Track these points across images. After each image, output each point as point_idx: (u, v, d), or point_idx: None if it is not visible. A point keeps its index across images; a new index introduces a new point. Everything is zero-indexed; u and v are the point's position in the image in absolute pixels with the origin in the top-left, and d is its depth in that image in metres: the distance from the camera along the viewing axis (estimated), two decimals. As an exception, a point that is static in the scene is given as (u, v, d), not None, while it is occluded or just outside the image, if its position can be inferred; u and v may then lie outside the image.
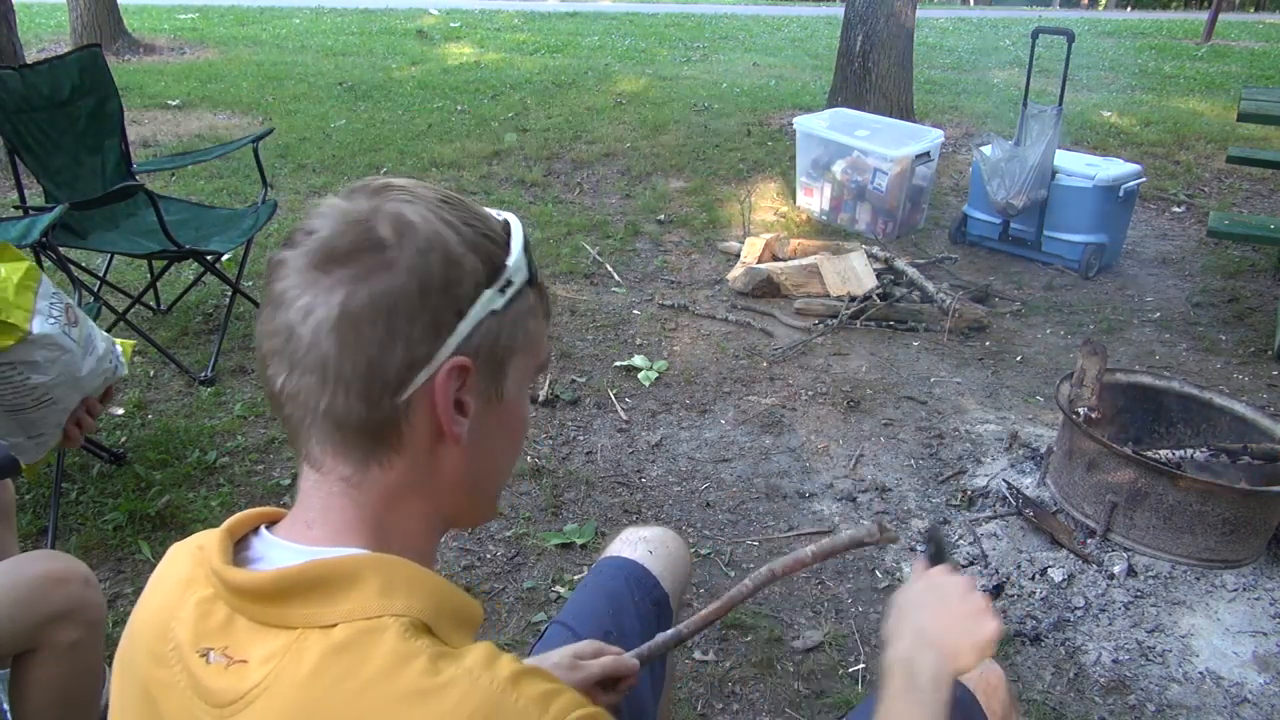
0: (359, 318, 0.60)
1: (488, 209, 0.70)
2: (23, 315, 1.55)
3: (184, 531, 2.26)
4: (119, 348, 1.84)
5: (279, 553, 0.66)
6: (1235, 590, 2.13)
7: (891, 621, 0.89)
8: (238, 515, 0.69)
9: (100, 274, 3.25)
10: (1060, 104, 4.05)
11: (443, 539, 2.27)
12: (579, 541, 2.31)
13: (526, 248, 0.68)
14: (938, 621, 0.86)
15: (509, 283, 0.66)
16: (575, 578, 2.18)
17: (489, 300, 0.64)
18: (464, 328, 0.63)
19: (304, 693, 0.57)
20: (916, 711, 0.80)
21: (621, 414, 2.92)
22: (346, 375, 0.61)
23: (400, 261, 0.61)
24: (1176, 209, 5.20)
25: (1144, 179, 4.27)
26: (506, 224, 0.69)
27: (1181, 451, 2.36)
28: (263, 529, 0.69)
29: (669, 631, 1.05)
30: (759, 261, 3.94)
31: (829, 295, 3.75)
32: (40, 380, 1.58)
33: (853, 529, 0.99)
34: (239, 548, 0.68)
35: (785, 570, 1.00)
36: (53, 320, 1.60)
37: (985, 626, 0.85)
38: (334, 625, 0.59)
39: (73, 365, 1.64)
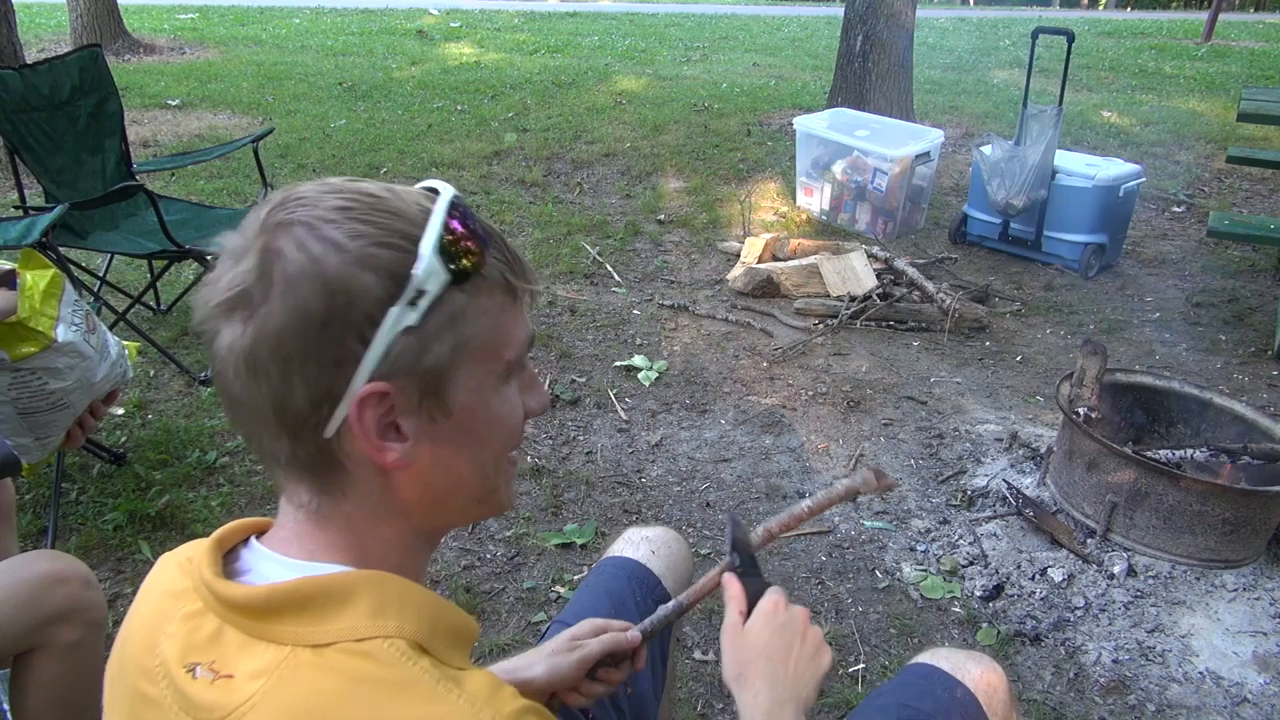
0: (254, 361, 0.58)
1: (423, 191, 0.64)
2: (49, 323, 1.57)
3: (184, 531, 2.26)
4: (125, 350, 1.86)
5: (268, 565, 0.65)
6: (1235, 590, 2.13)
7: (734, 666, 0.88)
8: (227, 526, 0.69)
9: (100, 274, 3.25)
10: (1060, 104, 4.05)
11: (442, 540, 2.27)
12: (579, 541, 2.31)
13: (450, 245, 0.60)
14: (787, 669, 0.86)
15: (419, 293, 0.59)
16: (575, 578, 2.18)
17: (398, 317, 0.59)
18: (373, 354, 0.58)
19: (295, 714, 0.56)
20: None
21: (621, 414, 2.92)
22: (262, 416, 0.60)
23: (273, 300, 0.57)
24: (1176, 209, 5.20)
25: (1144, 179, 4.27)
26: (421, 215, 0.61)
27: (1181, 451, 2.36)
28: (252, 540, 0.68)
29: (670, 603, 1.04)
30: (759, 261, 3.94)
31: (829, 295, 3.75)
32: (58, 386, 1.60)
33: (847, 479, 0.97)
34: (228, 559, 0.67)
35: (782, 528, 0.98)
36: (75, 327, 1.62)
37: (824, 660, 0.89)
38: (326, 645, 0.58)
39: (90, 371, 1.66)
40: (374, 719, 0.55)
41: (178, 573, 0.67)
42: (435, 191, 0.64)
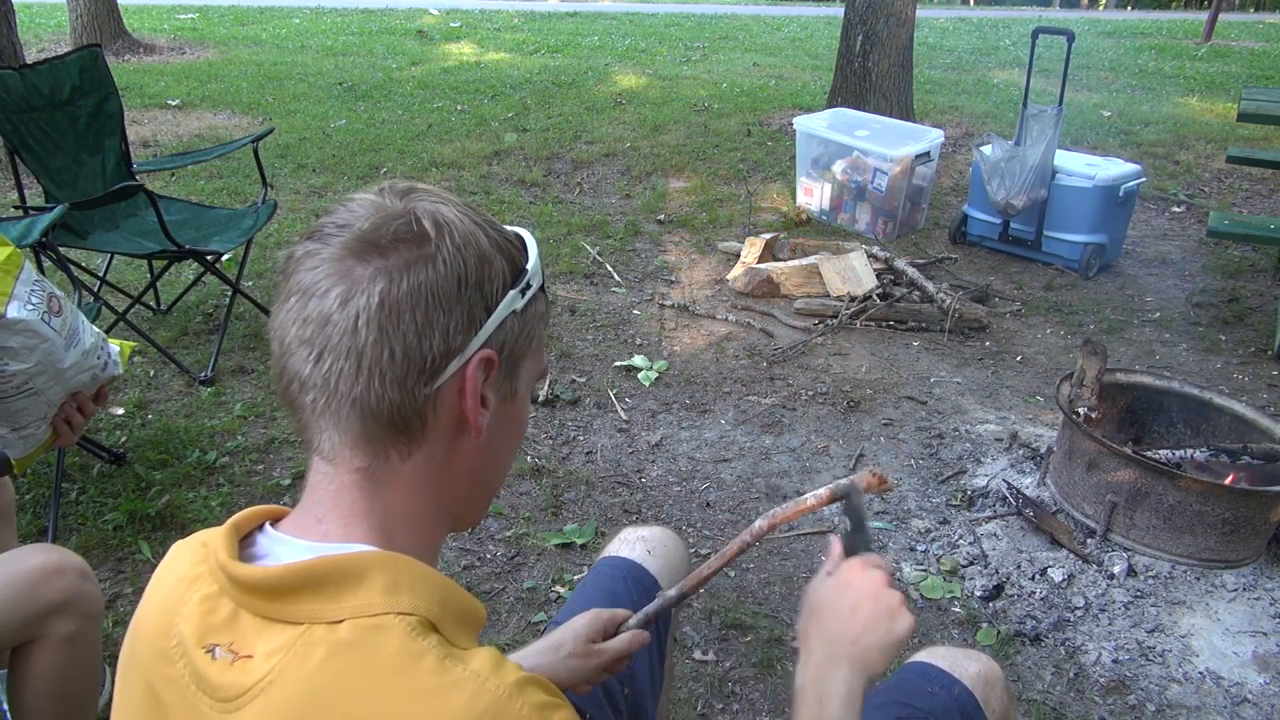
0: (400, 307, 0.62)
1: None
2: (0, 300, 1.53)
3: (184, 531, 2.25)
4: (114, 347, 1.83)
5: (285, 549, 0.66)
6: (1235, 590, 2.13)
7: (803, 623, 0.87)
8: (242, 512, 0.70)
9: (100, 274, 3.25)
10: (1060, 104, 4.05)
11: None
12: (579, 541, 2.31)
13: (539, 257, 0.72)
14: (849, 628, 0.83)
15: (529, 285, 0.69)
16: (575, 578, 2.18)
17: (512, 300, 0.67)
18: (491, 323, 0.66)
19: (309, 687, 0.57)
20: None
21: (621, 414, 2.92)
22: (383, 363, 0.62)
23: (441, 254, 0.63)
24: (1176, 209, 5.20)
25: (1144, 179, 4.27)
26: (518, 233, 0.73)
27: (1181, 451, 2.36)
28: (267, 525, 0.69)
29: (673, 590, 1.05)
30: (759, 261, 3.94)
31: (829, 295, 3.75)
32: (19, 368, 1.57)
33: (846, 480, 0.95)
34: (244, 544, 0.68)
35: (784, 518, 0.97)
36: (31, 307, 1.58)
37: (898, 626, 0.83)
38: (340, 621, 0.59)
39: (53, 355, 1.62)
40: (384, 691, 0.56)
41: (192, 558, 0.68)
42: None
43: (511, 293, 0.67)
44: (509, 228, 0.72)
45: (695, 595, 1.05)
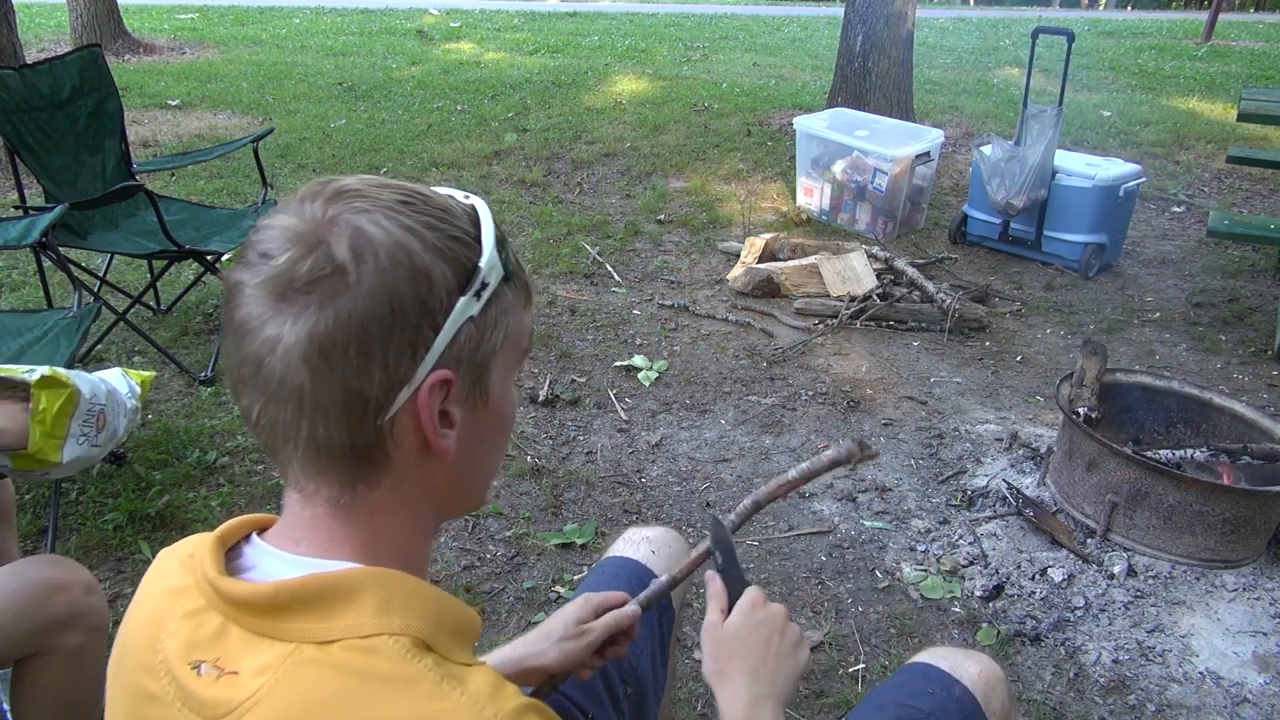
0: (330, 346, 0.57)
1: (450, 193, 0.66)
2: (55, 446, 1.65)
3: (184, 531, 2.26)
4: (136, 389, 1.93)
5: (272, 562, 0.65)
6: (1235, 590, 2.13)
7: (713, 662, 0.90)
8: (229, 522, 0.68)
9: (100, 274, 3.25)
10: (1060, 104, 4.05)
11: (441, 540, 2.28)
12: (579, 541, 2.31)
13: (499, 241, 0.64)
14: (765, 665, 0.88)
15: (484, 285, 0.62)
16: (575, 578, 2.18)
17: (464, 307, 0.61)
18: (442, 340, 0.60)
19: (301, 709, 0.56)
20: None
21: (621, 414, 2.92)
22: (324, 405, 0.59)
23: (364, 283, 0.57)
24: (1176, 209, 5.20)
25: (1144, 179, 4.27)
26: (474, 216, 0.65)
27: (1181, 451, 2.36)
28: (254, 536, 0.68)
29: (664, 577, 1.06)
30: (759, 261, 3.94)
31: (829, 295, 3.75)
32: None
33: (833, 449, 0.96)
34: (230, 555, 0.67)
35: (769, 497, 0.99)
36: (83, 439, 1.74)
37: (802, 656, 0.91)
38: (331, 641, 0.58)
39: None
40: (377, 715, 0.55)
41: (179, 569, 0.67)
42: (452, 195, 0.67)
43: (462, 300, 0.61)
44: (461, 198, 0.65)
45: (689, 583, 1.08)
